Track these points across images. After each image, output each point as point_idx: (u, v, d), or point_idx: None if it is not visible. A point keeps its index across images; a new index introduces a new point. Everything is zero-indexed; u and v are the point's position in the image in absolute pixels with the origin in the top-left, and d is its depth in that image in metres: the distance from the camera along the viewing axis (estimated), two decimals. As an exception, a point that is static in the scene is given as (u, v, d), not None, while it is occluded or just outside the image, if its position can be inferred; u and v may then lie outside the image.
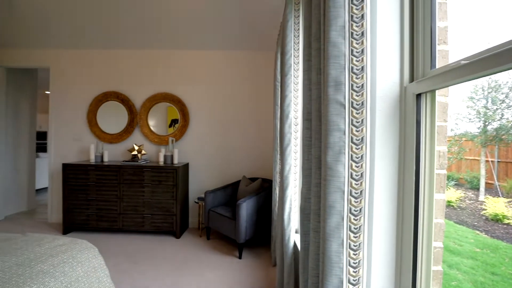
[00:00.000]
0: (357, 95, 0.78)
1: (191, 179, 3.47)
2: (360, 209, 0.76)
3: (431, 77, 0.74)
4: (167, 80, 3.48)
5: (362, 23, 0.77)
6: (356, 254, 0.76)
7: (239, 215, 2.46)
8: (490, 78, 0.96)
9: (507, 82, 0.92)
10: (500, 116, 0.98)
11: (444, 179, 0.80)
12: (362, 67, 0.77)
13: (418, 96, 0.81)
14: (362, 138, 0.77)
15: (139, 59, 3.50)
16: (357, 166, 0.77)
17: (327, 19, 0.81)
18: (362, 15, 0.77)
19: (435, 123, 0.79)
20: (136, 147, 3.28)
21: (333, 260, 0.76)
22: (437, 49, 0.80)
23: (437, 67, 0.79)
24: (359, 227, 0.76)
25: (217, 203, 2.92)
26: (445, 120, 0.83)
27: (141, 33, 3.19)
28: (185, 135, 3.47)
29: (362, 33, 0.77)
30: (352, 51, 0.78)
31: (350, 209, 0.77)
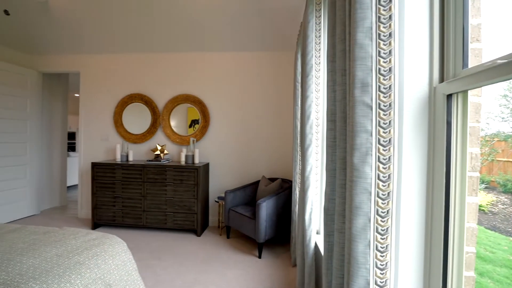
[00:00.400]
0: (385, 97, 0.77)
1: (211, 179, 3.54)
2: (388, 210, 0.76)
3: (463, 77, 0.72)
4: (189, 81, 3.58)
5: (390, 24, 0.76)
6: (383, 256, 0.75)
7: (259, 215, 2.49)
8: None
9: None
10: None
11: (477, 181, 0.78)
12: (390, 68, 0.77)
13: (449, 96, 0.79)
14: (390, 139, 0.76)
15: (162, 62, 3.63)
16: (384, 168, 0.77)
17: (353, 20, 0.82)
18: (390, 16, 0.76)
19: (467, 124, 0.77)
20: (159, 147, 3.41)
21: (360, 261, 0.76)
22: (469, 48, 0.78)
23: (469, 66, 0.77)
24: (386, 228, 0.76)
25: (237, 202, 2.97)
26: (478, 121, 0.80)
27: (164, 37, 3.31)
28: (206, 135, 3.55)
29: (390, 34, 0.76)
30: (380, 52, 0.78)
31: (377, 210, 0.76)
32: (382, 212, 0.76)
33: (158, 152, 3.38)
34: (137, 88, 3.68)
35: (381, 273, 0.75)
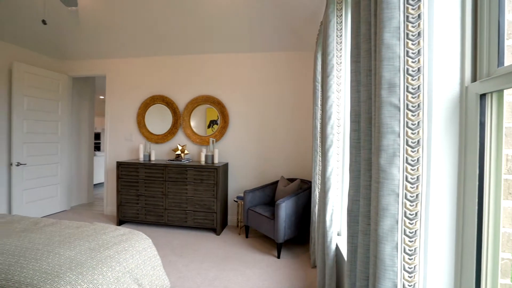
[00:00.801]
0: (413, 97, 0.76)
1: (230, 179, 3.59)
2: (416, 213, 0.74)
3: (498, 76, 0.69)
4: (208, 83, 3.66)
5: (419, 23, 0.75)
6: (412, 259, 0.74)
7: (278, 215, 2.50)
8: None
9: None
10: None
11: (513, 185, 0.74)
12: (419, 68, 0.75)
13: (482, 96, 0.76)
14: (419, 140, 0.75)
15: (183, 64, 3.73)
16: (412, 169, 0.75)
17: (379, 20, 0.81)
18: (419, 15, 0.75)
19: (503, 125, 0.74)
20: (180, 147, 3.50)
21: (387, 264, 0.75)
22: (505, 45, 0.75)
23: (505, 64, 0.74)
24: (415, 231, 0.74)
25: (255, 202, 2.99)
26: (514, 121, 0.77)
27: (184, 39, 3.40)
28: (225, 135, 3.60)
29: (419, 33, 0.75)
30: (408, 52, 0.77)
31: (405, 212, 0.75)
32: (410, 215, 0.75)
33: (179, 152, 3.48)
34: (159, 89, 3.81)
35: (409, 276, 0.74)
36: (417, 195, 0.75)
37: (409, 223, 0.74)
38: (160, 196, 3.29)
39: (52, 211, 3.88)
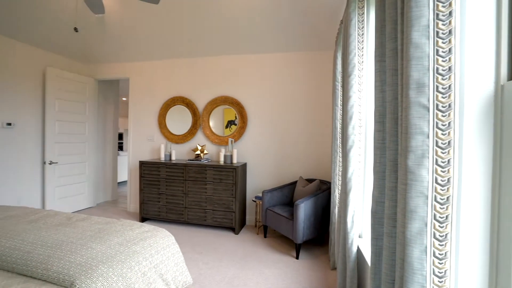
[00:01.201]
0: (443, 97, 0.74)
1: (248, 178, 3.63)
2: (447, 216, 0.72)
3: (538, 74, 0.66)
4: (227, 83, 3.71)
5: (450, 21, 0.73)
6: (442, 263, 0.72)
7: (297, 216, 2.49)
8: None
9: None
10: None
11: (554, 188, 0.70)
12: (450, 67, 0.73)
13: (519, 95, 0.72)
14: (449, 141, 0.73)
15: (202, 65, 3.81)
16: (443, 171, 0.73)
17: (407, 19, 0.79)
18: (450, 12, 0.73)
19: (542, 125, 0.70)
20: (199, 147, 3.58)
21: (415, 267, 0.74)
22: (545, 42, 0.71)
23: (545, 62, 0.70)
24: (445, 235, 0.72)
25: (274, 202, 3.00)
26: (555, 122, 0.73)
27: (204, 42, 3.47)
28: (243, 136, 3.64)
29: (450, 31, 0.73)
30: (438, 51, 0.75)
31: (435, 215, 0.73)
32: (440, 217, 0.73)
33: (198, 152, 3.56)
34: (179, 91, 3.92)
35: (439, 281, 0.72)
36: (447, 197, 0.73)
37: (439, 226, 0.73)
38: (180, 195, 3.38)
39: (80, 207, 4.09)
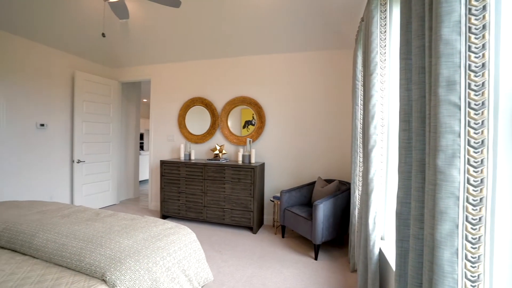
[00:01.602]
0: (476, 95, 0.71)
1: (266, 178, 3.64)
2: (480, 218, 0.70)
3: None
4: (245, 84, 3.74)
5: (484, 15, 0.70)
6: (475, 267, 0.70)
7: (315, 216, 2.47)
8: None
9: None
10: None
11: None
12: (483, 64, 0.70)
13: (561, 92, 0.69)
14: (483, 141, 0.70)
15: (221, 66, 3.87)
16: (475, 171, 0.71)
17: (437, 15, 0.77)
18: (484, 6, 0.70)
19: None
20: (218, 147, 3.64)
21: (445, 270, 0.72)
22: None
23: None
24: (479, 237, 0.70)
25: (292, 202, 2.99)
26: None
27: (222, 43, 3.53)
28: (261, 136, 3.66)
29: (484, 26, 0.70)
30: (470, 47, 0.72)
31: (467, 217, 0.71)
32: (473, 219, 0.70)
33: (217, 152, 3.62)
34: (198, 92, 4.00)
35: (472, 286, 0.70)
36: (481, 198, 0.70)
37: (471, 228, 0.70)
38: (199, 194, 3.45)
39: (105, 204, 4.29)
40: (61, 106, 3.68)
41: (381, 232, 1.89)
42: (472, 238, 0.70)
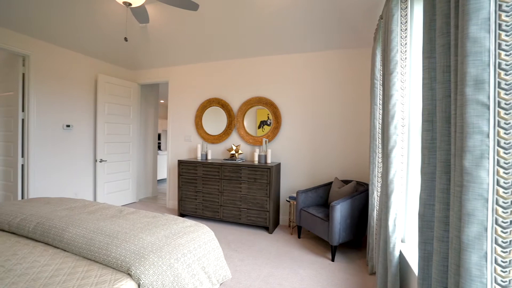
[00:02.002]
0: (507, 94, 0.69)
1: (282, 178, 3.64)
2: (511, 221, 0.68)
3: None
4: (261, 84, 3.76)
5: (515, 12, 0.68)
6: (506, 271, 0.67)
7: (332, 217, 2.45)
8: None
9: None
10: None
11: None
12: (514, 62, 0.68)
13: None
14: (514, 141, 0.68)
15: (237, 67, 3.91)
16: (506, 173, 0.69)
17: (464, 12, 0.76)
18: (515, 3, 0.68)
19: None
20: (234, 147, 3.68)
21: (473, 274, 0.70)
22: None
23: None
24: (510, 241, 0.68)
25: (308, 203, 2.98)
26: None
27: (238, 44, 3.57)
28: (277, 136, 3.66)
29: (515, 23, 0.68)
30: (500, 45, 0.70)
31: (496, 220, 0.69)
32: (503, 222, 0.68)
33: (233, 152, 3.66)
34: (215, 92, 4.06)
35: (502, 290, 0.68)
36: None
37: (502, 231, 0.68)
38: (216, 193, 3.50)
39: (125, 202, 4.44)
40: (85, 108, 3.86)
41: (401, 234, 1.85)
42: (503, 241, 0.68)
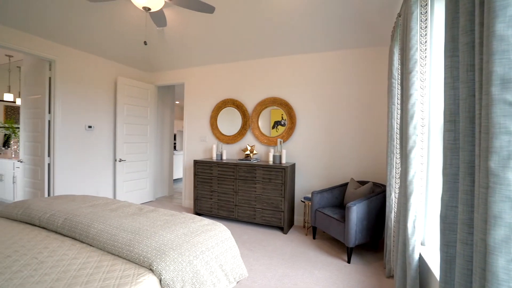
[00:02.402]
0: (536, 93, 0.67)
1: (297, 179, 3.63)
2: (541, 224, 0.66)
3: None
4: (276, 85, 3.77)
5: (545, 8, 0.66)
6: (535, 275, 0.66)
7: (348, 218, 2.42)
8: None
9: None
10: None
11: None
12: (544, 60, 0.66)
13: None
14: (544, 142, 0.66)
15: (251, 68, 3.94)
16: (535, 174, 0.67)
17: (490, 9, 0.74)
18: (545, -1, 0.66)
19: None
20: (249, 147, 3.71)
21: (500, 278, 0.68)
22: None
23: None
24: (539, 245, 0.65)
25: (323, 204, 2.96)
26: None
27: (252, 45, 3.60)
28: (292, 136, 3.66)
29: (545, 20, 0.66)
30: (529, 42, 0.68)
31: (525, 223, 0.67)
32: (532, 225, 0.66)
33: (248, 152, 3.69)
34: (230, 93, 4.11)
35: (531, 295, 0.66)
36: (541, 203, 0.66)
37: (530, 234, 0.66)
38: (231, 193, 3.55)
39: (143, 200, 4.58)
40: (105, 109, 4.01)
41: (421, 236, 1.81)
42: (532, 245, 0.66)
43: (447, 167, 1.03)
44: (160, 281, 1.23)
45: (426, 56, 1.73)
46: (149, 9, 2.20)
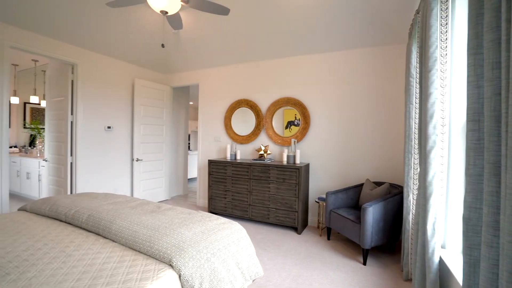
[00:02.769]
0: None
1: (311, 179, 3.61)
2: None
3: None
4: (289, 85, 3.77)
5: None
6: None
7: (364, 219, 2.39)
8: None
9: None
10: None
11: None
12: None
13: None
14: None
15: (265, 68, 3.96)
16: None
17: (517, 6, 0.72)
18: None
19: None
20: (263, 147, 3.73)
21: (529, 281, 0.67)
22: None
23: None
24: None
25: (338, 204, 2.93)
26: None
27: (266, 45, 3.61)
28: (306, 136, 3.64)
29: None
30: (560, 38, 0.66)
31: (556, 225, 0.65)
32: None
33: (262, 152, 3.71)
34: (243, 94, 4.14)
35: (562, 300, 0.63)
36: None
37: (562, 237, 0.64)
38: (245, 193, 3.57)
39: (159, 199, 4.69)
40: (123, 110, 4.15)
41: (441, 239, 1.76)
42: None
43: (470, 168, 1.01)
44: (180, 276, 1.27)
45: (446, 54, 1.68)
46: (166, 12, 2.26)
